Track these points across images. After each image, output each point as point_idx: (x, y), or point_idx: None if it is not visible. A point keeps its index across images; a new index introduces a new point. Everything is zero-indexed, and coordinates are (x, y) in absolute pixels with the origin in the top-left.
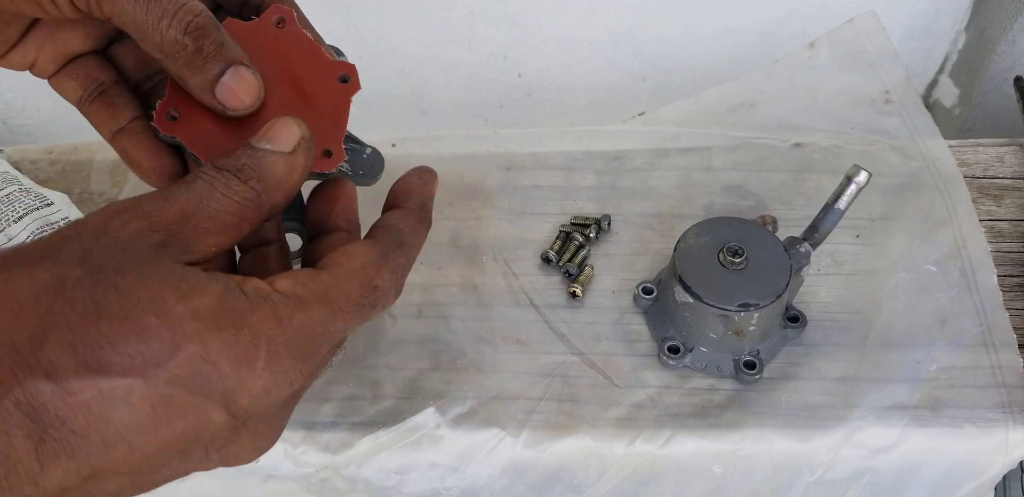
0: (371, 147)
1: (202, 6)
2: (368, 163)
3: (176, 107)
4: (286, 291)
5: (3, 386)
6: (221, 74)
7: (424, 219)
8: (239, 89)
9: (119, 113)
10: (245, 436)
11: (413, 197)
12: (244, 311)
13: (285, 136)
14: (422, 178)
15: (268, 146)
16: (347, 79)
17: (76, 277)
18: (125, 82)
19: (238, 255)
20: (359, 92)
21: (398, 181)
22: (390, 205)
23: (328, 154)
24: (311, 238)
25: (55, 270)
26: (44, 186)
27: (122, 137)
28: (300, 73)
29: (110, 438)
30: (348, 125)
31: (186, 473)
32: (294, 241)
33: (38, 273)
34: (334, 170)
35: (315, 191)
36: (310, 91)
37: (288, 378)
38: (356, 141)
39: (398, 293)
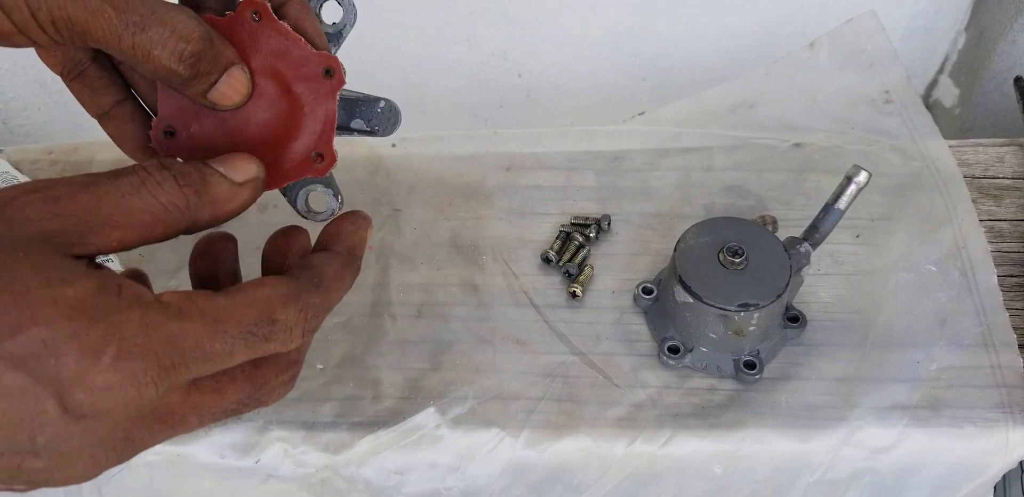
0: (384, 99)
1: (195, 26)
2: (383, 117)
3: (171, 121)
4: (168, 301)
5: None
6: (216, 82)
7: (350, 264)
8: (230, 90)
9: (99, 97)
10: (80, 438)
11: (343, 241)
12: (109, 309)
13: (242, 168)
14: (355, 223)
15: (221, 169)
16: (331, 72)
17: None
18: (105, 58)
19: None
20: (356, 90)
21: (331, 224)
22: (319, 247)
23: (320, 157)
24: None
25: None
26: None
27: (106, 123)
28: (283, 68)
29: None
30: (356, 86)
31: (9, 466)
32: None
33: None
34: (325, 175)
35: (272, 237)
36: (295, 87)
37: (135, 379)
38: (365, 96)
39: (307, 333)
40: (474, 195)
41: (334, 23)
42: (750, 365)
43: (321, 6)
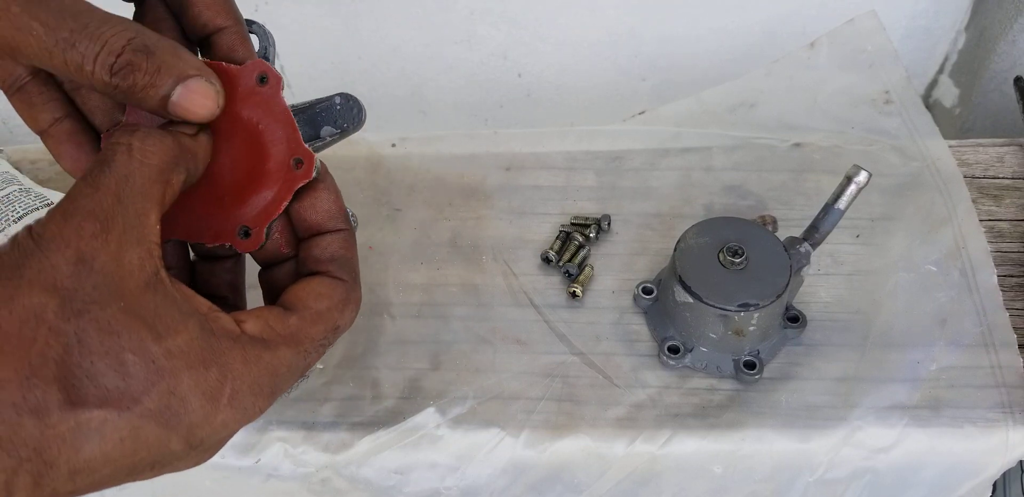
0: (337, 95)
1: (129, 36)
2: (345, 113)
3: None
4: (254, 334)
5: None
6: (169, 94)
7: (353, 234)
8: (191, 103)
9: (38, 113)
10: (192, 457)
11: (337, 215)
12: (215, 351)
13: (186, 126)
14: (332, 190)
15: (172, 128)
16: (265, 77)
17: (54, 308)
18: (46, 74)
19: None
20: (356, 90)
21: (319, 202)
22: (319, 229)
23: (299, 162)
24: (304, 238)
25: (31, 300)
26: (44, 186)
27: (46, 140)
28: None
29: (77, 467)
30: (357, 87)
31: (122, 480)
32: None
33: (16, 303)
34: (314, 170)
35: (293, 202)
36: (242, 110)
37: (247, 414)
38: (317, 100)
39: (352, 322)
40: (474, 195)
41: (255, 51)
42: (750, 365)
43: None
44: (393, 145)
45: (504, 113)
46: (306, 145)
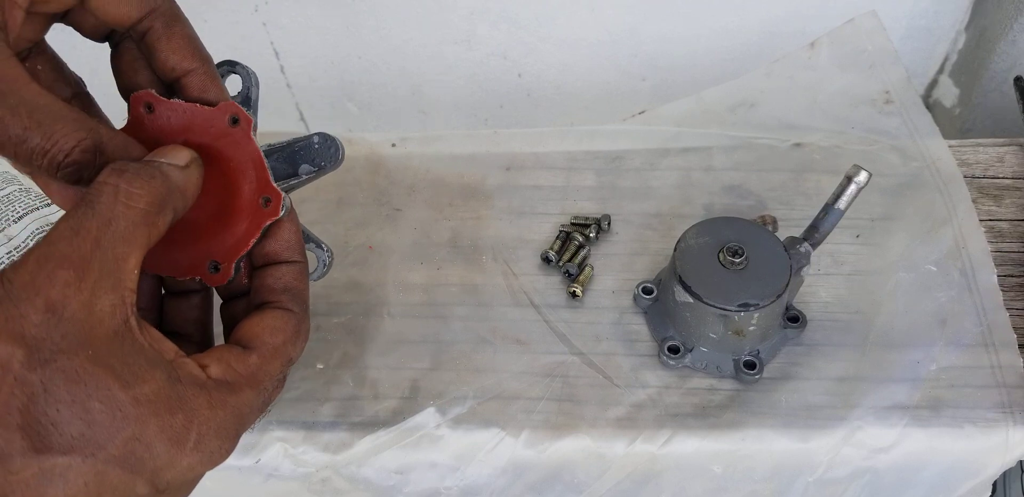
0: (316, 134)
1: (79, 137)
2: (323, 152)
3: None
4: (218, 378)
5: None
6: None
7: (307, 267)
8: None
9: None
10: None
11: (295, 249)
12: (181, 398)
13: (177, 154)
14: (294, 222)
15: (164, 160)
16: (237, 119)
17: (21, 358)
18: None
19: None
20: (356, 90)
21: (280, 232)
22: (275, 258)
23: (267, 201)
24: (259, 267)
25: None
26: None
27: (34, 178)
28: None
29: None
30: (359, 86)
31: None
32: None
33: None
34: (282, 209)
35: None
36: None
37: (212, 457)
38: (295, 138)
39: (302, 353)
40: (474, 195)
41: (239, 91)
42: (750, 365)
43: (224, 79)
44: (393, 145)
45: (504, 113)
46: (275, 184)
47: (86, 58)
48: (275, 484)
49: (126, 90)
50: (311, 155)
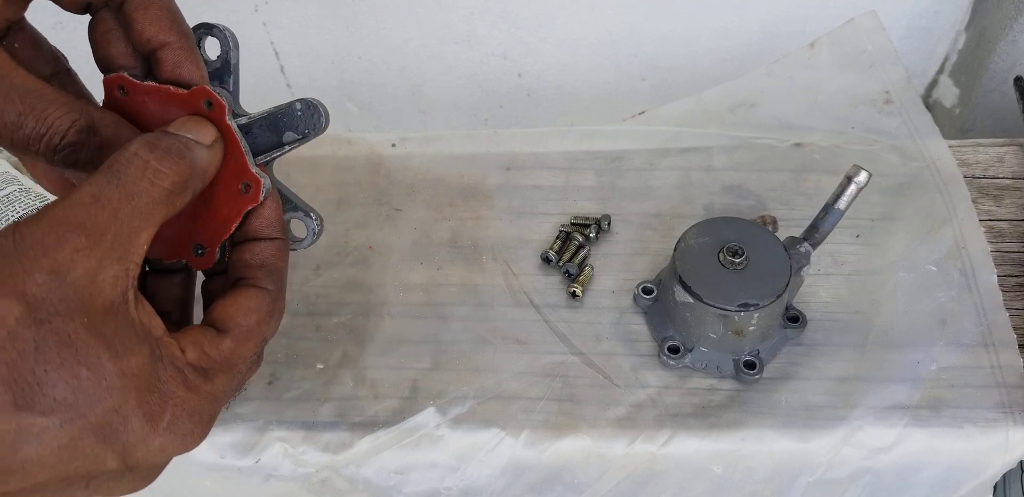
0: (297, 100)
1: (73, 117)
2: (306, 118)
3: None
4: (195, 363)
5: None
6: None
7: (287, 243)
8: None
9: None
10: (127, 479)
11: (275, 225)
12: (160, 377)
13: (205, 131)
14: (275, 199)
15: (191, 136)
16: (211, 103)
17: (18, 314)
18: None
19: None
20: (356, 90)
21: (259, 209)
22: (254, 235)
23: (247, 186)
24: (239, 243)
25: None
26: None
27: (23, 162)
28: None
29: (11, 468)
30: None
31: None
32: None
33: None
34: (262, 194)
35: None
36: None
37: (184, 441)
38: (277, 107)
39: (276, 332)
40: (474, 195)
41: (218, 55)
42: (750, 365)
43: (202, 42)
44: (393, 145)
45: (504, 113)
46: (254, 170)
47: (69, 34)
48: (275, 484)
49: (102, 62)
50: (294, 123)
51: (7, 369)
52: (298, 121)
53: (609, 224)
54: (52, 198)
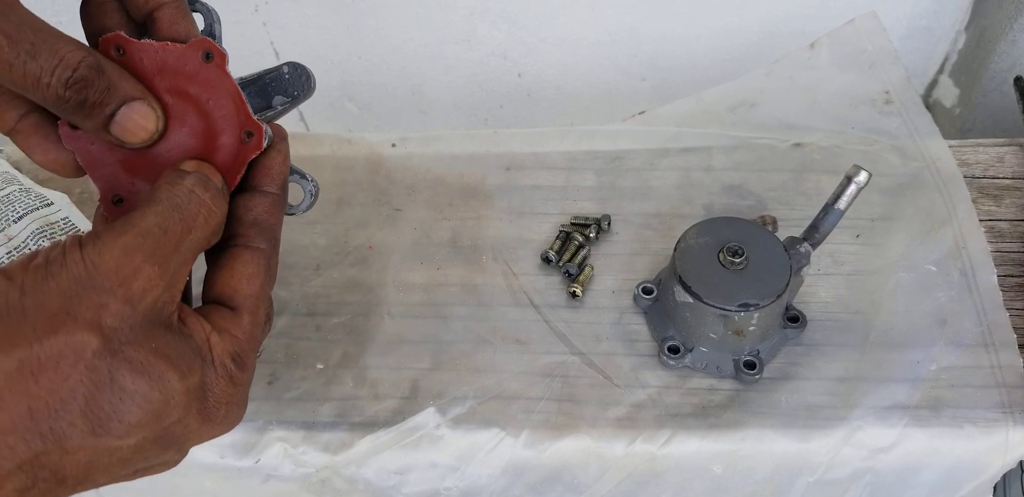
0: (285, 64)
1: (83, 54)
2: (294, 81)
3: (114, 191)
4: (231, 352)
5: (16, 452)
6: (113, 114)
7: (281, 200)
8: (132, 125)
9: (4, 114)
10: (173, 462)
11: (275, 178)
12: (212, 379)
13: (218, 177)
14: (282, 152)
15: (216, 180)
16: (210, 54)
17: (95, 347)
18: None
19: None
20: (356, 90)
21: (263, 160)
22: (253, 185)
23: (249, 134)
24: (235, 195)
25: (75, 337)
26: (44, 186)
27: (17, 138)
28: (171, 79)
29: (83, 479)
30: (359, 86)
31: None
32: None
33: (59, 338)
34: (265, 140)
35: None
36: (191, 89)
37: (230, 427)
38: (265, 71)
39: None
40: (474, 195)
41: (202, 29)
42: (750, 365)
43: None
44: (393, 145)
45: (504, 113)
46: (255, 117)
47: (64, 29)
48: (275, 484)
49: (94, 36)
50: (283, 86)
51: (85, 401)
52: (287, 84)
53: (609, 224)
54: (52, 198)
